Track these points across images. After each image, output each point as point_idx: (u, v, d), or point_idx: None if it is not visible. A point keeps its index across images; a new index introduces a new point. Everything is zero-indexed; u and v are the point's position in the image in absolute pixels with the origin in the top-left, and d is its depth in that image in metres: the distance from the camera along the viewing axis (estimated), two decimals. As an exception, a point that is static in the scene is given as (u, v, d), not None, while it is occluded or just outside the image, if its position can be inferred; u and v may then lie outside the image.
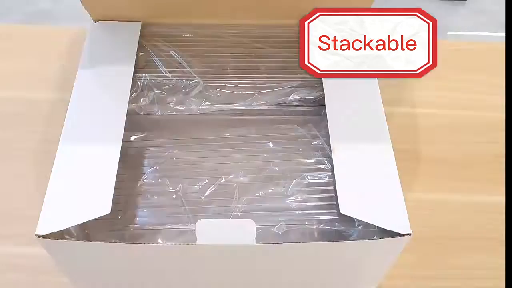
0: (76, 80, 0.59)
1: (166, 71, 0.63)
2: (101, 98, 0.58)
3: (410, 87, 0.80)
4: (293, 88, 0.63)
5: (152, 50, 0.66)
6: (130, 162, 0.59)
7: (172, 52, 0.65)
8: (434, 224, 0.67)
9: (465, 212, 0.68)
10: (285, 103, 0.64)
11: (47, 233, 0.46)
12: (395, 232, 0.46)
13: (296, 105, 0.64)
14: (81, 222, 0.47)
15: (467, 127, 0.77)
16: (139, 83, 0.62)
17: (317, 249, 0.47)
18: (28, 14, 1.88)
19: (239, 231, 0.46)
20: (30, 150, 0.70)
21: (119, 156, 0.51)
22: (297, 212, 0.53)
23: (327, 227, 0.51)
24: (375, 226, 0.50)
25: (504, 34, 0.72)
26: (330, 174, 0.56)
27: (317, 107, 0.64)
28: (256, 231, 0.45)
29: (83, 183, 0.50)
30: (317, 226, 0.51)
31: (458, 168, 0.73)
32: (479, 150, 0.75)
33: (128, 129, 0.64)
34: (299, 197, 0.54)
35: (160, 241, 0.54)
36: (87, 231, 0.53)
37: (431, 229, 0.66)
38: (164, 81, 0.63)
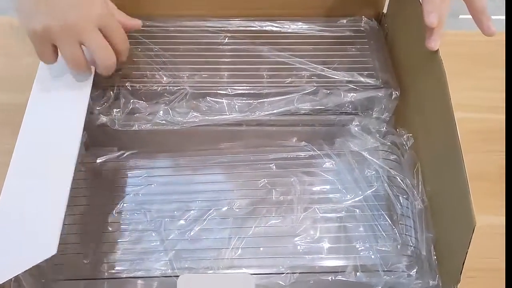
0: (33, 86, 0.48)
1: (146, 75, 0.52)
2: (56, 110, 0.46)
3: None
4: (300, 95, 0.51)
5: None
6: (101, 188, 0.48)
7: (152, 52, 0.54)
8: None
9: (503, 238, 0.57)
10: (290, 112, 0.52)
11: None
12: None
13: (304, 114, 0.53)
14: (19, 273, 0.37)
15: (501, 134, 0.66)
16: (112, 91, 0.51)
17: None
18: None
19: (233, 288, 0.35)
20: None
21: (70, 184, 0.40)
22: (307, 256, 0.42)
23: (345, 278, 0.40)
24: (407, 274, 0.40)
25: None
26: (348, 206, 0.45)
27: (329, 117, 0.53)
28: (255, 282, 0.35)
29: (24, 219, 0.39)
30: (333, 277, 0.41)
31: (494, 183, 0.61)
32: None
33: (100, 146, 0.53)
34: (309, 237, 0.43)
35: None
36: (43, 280, 0.43)
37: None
38: (142, 87, 0.51)
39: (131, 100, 0.51)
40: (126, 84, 0.51)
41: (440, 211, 0.43)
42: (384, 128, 0.51)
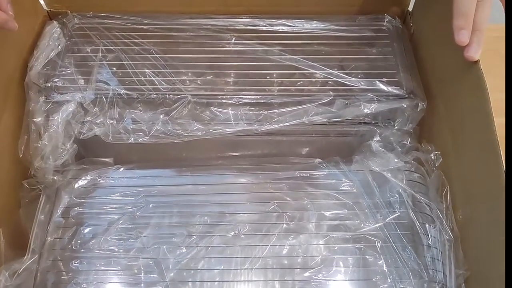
0: None
1: (143, 81, 0.47)
2: None
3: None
4: (314, 105, 0.46)
5: (123, 49, 0.49)
6: (94, 207, 0.44)
7: (150, 54, 0.48)
8: None
9: None
10: (304, 122, 0.47)
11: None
12: None
13: (319, 124, 0.47)
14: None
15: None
16: (105, 98, 0.46)
17: None
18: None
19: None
20: None
21: None
22: (321, 293, 0.38)
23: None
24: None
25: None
26: (367, 235, 0.40)
27: (346, 127, 0.48)
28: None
29: None
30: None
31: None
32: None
33: (95, 156, 0.49)
34: (324, 271, 0.39)
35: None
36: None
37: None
38: (139, 95, 0.46)
39: (127, 110, 0.46)
40: (121, 92, 0.46)
41: (473, 243, 0.38)
42: (408, 142, 0.46)
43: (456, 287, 0.38)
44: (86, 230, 0.42)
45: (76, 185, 0.45)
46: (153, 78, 0.47)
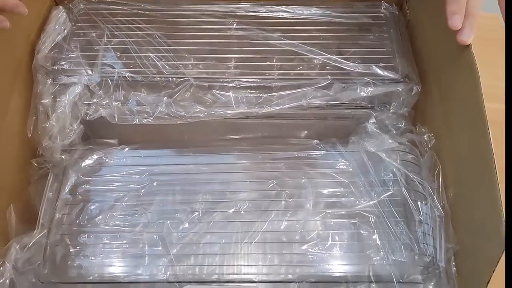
0: None
1: (147, 65, 0.48)
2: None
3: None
4: (313, 89, 0.48)
5: (128, 33, 0.50)
6: (100, 185, 0.46)
7: (153, 39, 0.50)
8: None
9: None
10: (302, 105, 0.49)
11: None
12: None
13: (317, 107, 0.49)
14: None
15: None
16: (110, 81, 0.47)
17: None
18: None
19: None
20: None
21: None
22: (317, 265, 0.40)
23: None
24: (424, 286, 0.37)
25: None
26: (361, 211, 0.42)
27: (343, 111, 0.50)
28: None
29: None
30: (345, 287, 0.38)
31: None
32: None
33: (100, 137, 0.51)
34: (320, 244, 0.40)
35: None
36: (42, 283, 0.41)
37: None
38: (143, 78, 0.48)
39: (132, 92, 0.48)
40: (126, 75, 0.48)
41: (463, 219, 0.40)
42: (403, 125, 0.48)
43: (445, 260, 0.39)
44: (93, 207, 0.44)
45: (83, 164, 0.46)
46: (157, 62, 0.49)
